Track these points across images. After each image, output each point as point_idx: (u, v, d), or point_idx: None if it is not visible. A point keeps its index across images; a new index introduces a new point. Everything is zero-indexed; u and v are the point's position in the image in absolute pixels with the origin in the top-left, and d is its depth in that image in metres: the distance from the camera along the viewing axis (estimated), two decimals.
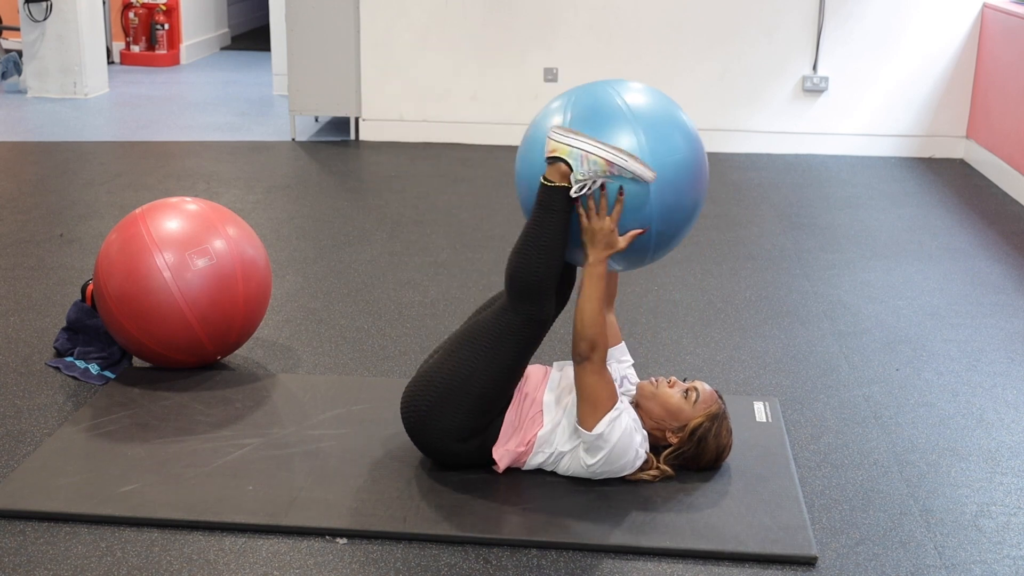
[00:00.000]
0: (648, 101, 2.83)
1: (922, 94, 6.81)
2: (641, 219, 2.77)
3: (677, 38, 6.83)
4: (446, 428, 2.85)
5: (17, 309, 4.10)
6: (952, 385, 3.65)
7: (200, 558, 2.61)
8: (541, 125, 2.86)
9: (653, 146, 2.73)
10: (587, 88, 2.89)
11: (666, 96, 2.92)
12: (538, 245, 2.79)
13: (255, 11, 11.97)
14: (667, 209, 2.77)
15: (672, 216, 2.80)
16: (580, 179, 2.71)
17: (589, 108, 2.80)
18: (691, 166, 2.80)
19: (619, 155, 2.68)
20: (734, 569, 2.62)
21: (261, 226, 5.18)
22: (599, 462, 2.84)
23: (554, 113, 2.85)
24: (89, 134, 7.12)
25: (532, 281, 2.80)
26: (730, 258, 4.88)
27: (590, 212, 2.75)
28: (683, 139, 2.81)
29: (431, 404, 2.85)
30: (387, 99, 7.00)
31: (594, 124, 2.75)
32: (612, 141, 2.72)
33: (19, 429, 3.20)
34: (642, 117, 2.77)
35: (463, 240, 5.07)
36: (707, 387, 2.98)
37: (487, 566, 2.61)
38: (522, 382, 2.95)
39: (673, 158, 2.76)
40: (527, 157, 2.90)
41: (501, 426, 2.90)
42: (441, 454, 2.92)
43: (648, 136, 2.74)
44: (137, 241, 3.43)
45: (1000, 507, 2.92)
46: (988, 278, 4.68)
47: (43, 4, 7.93)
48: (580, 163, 2.70)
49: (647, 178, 2.71)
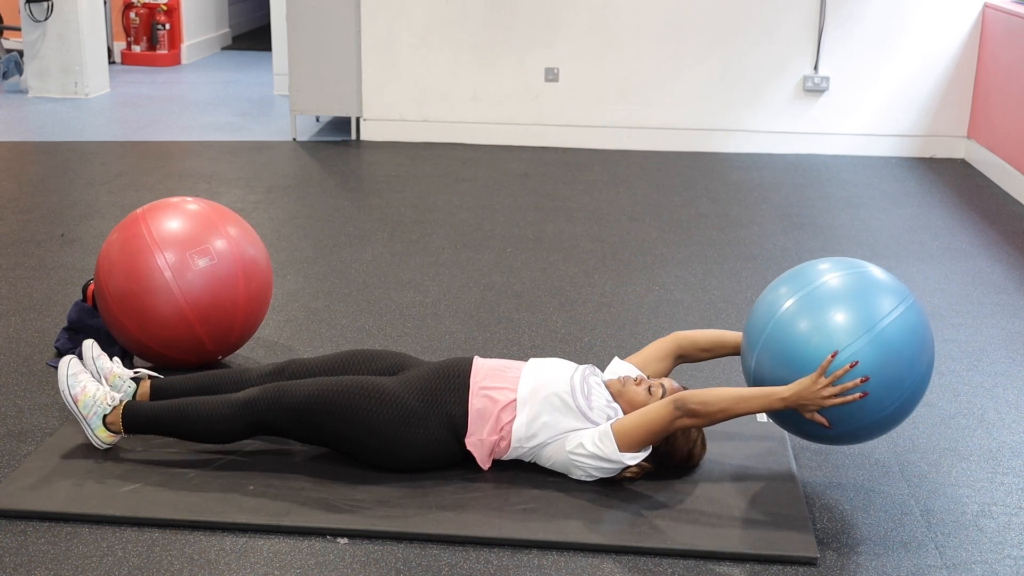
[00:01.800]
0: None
1: (923, 94, 6.81)
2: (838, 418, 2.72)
3: (678, 38, 6.83)
4: (383, 445, 2.90)
5: (18, 309, 4.10)
6: (953, 385, 3.65)
7: (201, 558, 2.61)
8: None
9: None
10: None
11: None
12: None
13: (256, 11, 11.97)
14: (864, 429, 2.76)
15: (863, 434, 2.80)
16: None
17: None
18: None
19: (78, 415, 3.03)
20: (735, 569, 2.62)
21: (262, 226, 5.18)
22: (589, 465, 2.87)
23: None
24: (90, 134, 7.12)
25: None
26: (731, 258, 4.88)
27: (818, 375, 2.66)
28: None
29: (355, 450, 2.94)
30: (388, 99, 7.01)
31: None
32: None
33: (20, 429, 3.20)
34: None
35: (464, 240, 5.07)
36: (674, 383, 3.00)
37: (487, 566, 2.61)
38: (475, 373, 2.96)
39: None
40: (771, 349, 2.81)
41: (468, 416, 2.91)
42: (419, 461, 2.94)
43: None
44: (138, 241, 3.43)
45: (1001, 507, 2.92)
46: (989, 278, 4.68)
47: (44, 4, 7.93)
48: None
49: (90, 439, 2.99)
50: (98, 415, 2.99)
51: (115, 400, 3.01)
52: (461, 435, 2.92)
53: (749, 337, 2.88)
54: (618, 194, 5.91)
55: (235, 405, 2.93)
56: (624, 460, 2.83)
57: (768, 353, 2.79)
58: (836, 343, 2.67)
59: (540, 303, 4.30)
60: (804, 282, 2.81)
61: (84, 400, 2.99)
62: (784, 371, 2.74)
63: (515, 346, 3.87)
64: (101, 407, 2.99)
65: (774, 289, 2.87)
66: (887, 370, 2.66)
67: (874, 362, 2.65)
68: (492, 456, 2.96)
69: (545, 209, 5.59)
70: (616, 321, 4.11)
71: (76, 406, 2.99)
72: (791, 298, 2.79)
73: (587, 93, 6.93)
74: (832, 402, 2.65)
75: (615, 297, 4.37)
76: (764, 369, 2.81)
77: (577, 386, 2.92)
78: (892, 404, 2.69)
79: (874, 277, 2.80)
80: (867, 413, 2.69)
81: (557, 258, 4.84)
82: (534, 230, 5.24)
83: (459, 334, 3.96)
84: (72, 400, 2.99)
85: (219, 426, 2.93)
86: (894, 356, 2.66)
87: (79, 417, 3.00)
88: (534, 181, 6.12)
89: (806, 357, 2.70)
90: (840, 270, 2.81)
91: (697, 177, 6.31)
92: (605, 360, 3.73)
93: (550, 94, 6.95)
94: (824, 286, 2.77)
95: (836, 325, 2.69)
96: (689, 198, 5.86)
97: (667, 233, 5.23)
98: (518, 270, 4.67)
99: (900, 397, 2.70)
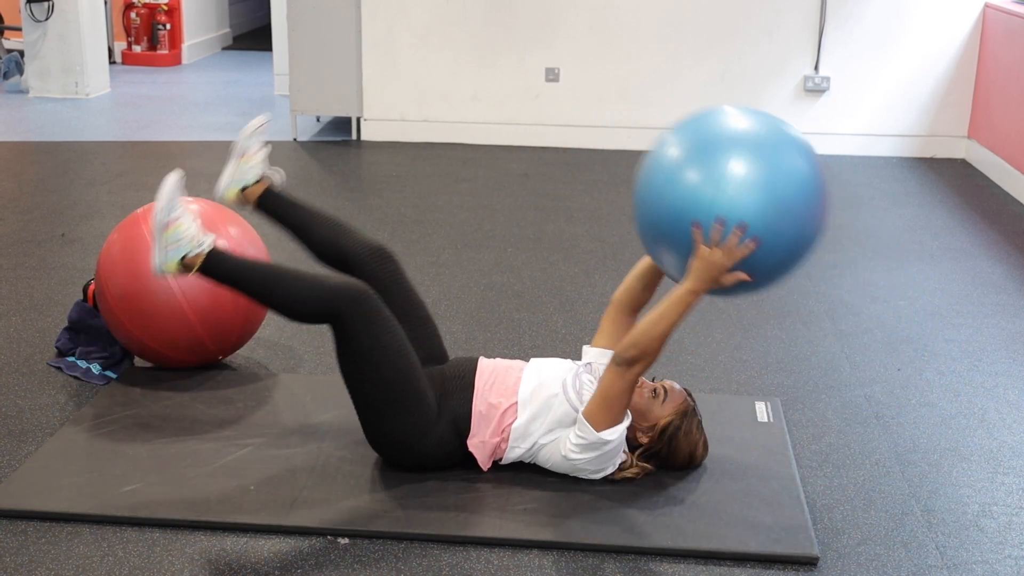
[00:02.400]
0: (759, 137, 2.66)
1: (923, 94, 6.81)
2: (752, 268, 2.64)
3: (678, 38, 6.83)
4: (405, 435, 2.87)
5: (19, 309, 4.10)
6: (954, 385, 3.65)
7: (202, 558, 2.61)
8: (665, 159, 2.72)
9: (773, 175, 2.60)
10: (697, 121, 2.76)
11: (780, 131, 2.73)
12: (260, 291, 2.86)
13: (256, 11, 11.97)
14: (772, 261, 2.66)
15: (783, 269, 2.71)
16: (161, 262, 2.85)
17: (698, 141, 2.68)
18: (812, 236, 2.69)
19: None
20: (735, 569, 2.62)
21: (263, 226, 5.16)
22: (585, 459, 2.85)
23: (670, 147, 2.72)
24: (90, 134, 7.12)
25: (295, 311, 2.85)
26: None
27: (713, 240, 2.58)
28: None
29: (376, 431, 2.89)
30: (388, 99, 7.01)
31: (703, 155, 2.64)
32: (728, 169, 2.60)
33: (21, 429, 3.20)
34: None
35: (464, 240, 5.07)
36: (676, 386, 2.98)
37: (488, 566, 2.61)
38: (480, 374, 2.96)
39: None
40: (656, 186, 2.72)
41: (471, 418, 2.91)
42: (419, 458, 2.93)
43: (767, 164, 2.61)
44: (139, 241, 3.43)
45: (1002, 507, 2.92)
46: (990, 278, 4.68)
47: (45, 4, 7.93)
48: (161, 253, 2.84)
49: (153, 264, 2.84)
50: (180, 252, 2.81)
51: (204, 245, 2.83)
52: (464, 436, 2.92)
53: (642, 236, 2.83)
54: (618, 194, 5.91)
55: (330, 291, 2.79)
56: (605, 437, 2.80)
57: (649, 236, 2.76)
58: (694, 205, 2.60)
59: (541, 303, 4.30)
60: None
61: (175, 231, 2.80)
62: (668, 236, 2.68)
63: (516, 346, 3.87)
64: (188, 246, 2.81)
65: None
66: (758, 205, 2.57)
67: (744, 206, 2.57)
68: (493, 458, 2.95)
69: (545, 209, 5.59)
70: None
71: (164, 232, 2.79)
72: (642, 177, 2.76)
73: (587, 93, 6.93)
74: (731, 262, 2.59)
75: None
76: (660, 255, 2.78)
77: (569, 384, 2.92)
78: (789, 229, 2.60)
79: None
80: (771, 249, 2.60)
81: (557, 258, 4.84)
82: (534, 230, 5.24)
83: (460, 334, 3.96)
84: (164, 224, 2.79)
85: (302, 304, 2.81)
86: (759, 190, 2.57)
87: (159, 242, 2.80)
88: (534, 181, 6.12)
89: (675, 220, 2.63)
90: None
91: None
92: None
93: (550, 94, 6.95)
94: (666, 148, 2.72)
95: (689, 184, 2.61)
96: None
97: None
98: (518, 270, 4.67)
99: (793, 219, 2.60)
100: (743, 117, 2.71)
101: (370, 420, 2.90)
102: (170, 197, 2.84)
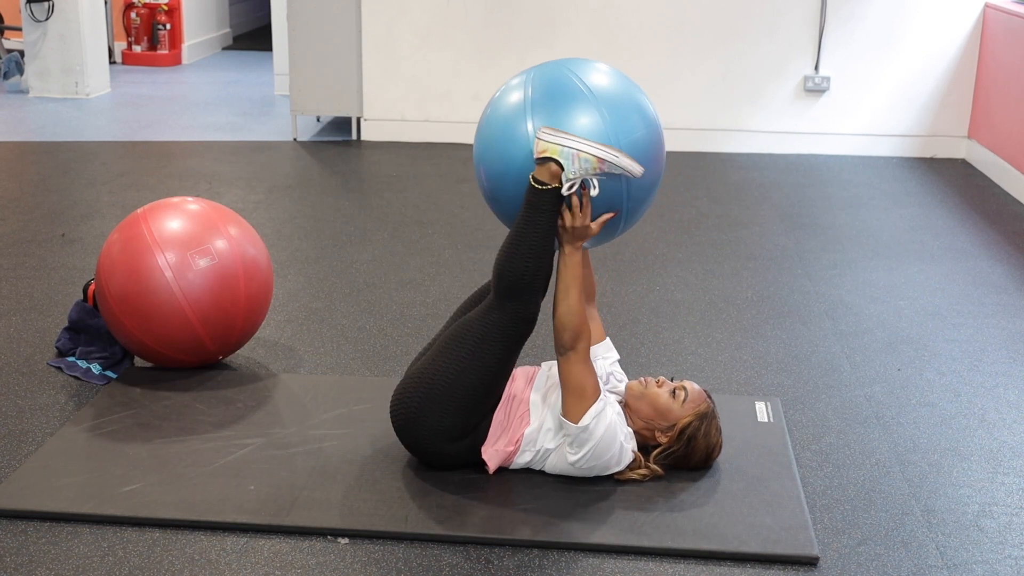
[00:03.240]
0: (608, 82, 2.87)
1: (924, 94, 6.81)
2: (613, 204, 2.83)
3: (678, 38, 6.83)
4: (436, 428, 2.85)
5: (19, 309, 4.10)
6: (954, 385, 3.65)
7: (202, 558, 2.61)
8: (501, 104, 2.89)
9: (615, 127, 2.77)
10: (546, 68, 2.92)
11: (625, 77, 2.96)
12: (529, 244, 2.79)
13: (257, 11, 11.98)
14: (634, 189, 2.83)
15: (638, 195, 2.86)
16: (571, 178, 2.72)
17: (549, 89, 2.83)
18: (652, 145, 2.86)
19: (609, 152, 2.70)
20: (735, 569, 2.62)
21: (263, 226, 5.18)
22: (584, 457, 2.84)
23: (513, 91, 2.87)
24: (91, 134, 7.12)
25: (522, 280, 2.81)
26: (732, 258, 4.88)
27: (574, 212, 2.78)
28: (641, 120, 2.85)
29: (420, 404, 2.85)
30: (389, 99, 7.01)
31: (555, 105, 2.79)
32: (574, 121, 2.75)
33: (21, 429, 3.20)
34: (602, 97, 2.81)
35: (465, 240, 5.07)
36: (696, 386, 2.98)
37: (488, 566, 2.61)
38: (509, 383, 2.96)
39: (632, 137, 2.80)
40: (489, 135, 2.90)
41: (490, 426, 2.90)
42: (431, 455, 2.92)
43: (609, 116, 2.78)
44: (139, 241, 3.43)
45: (1002, 507, 2.92)
46: (990, 278, 4.68)
47: (45, 4, 7.94)
48: (571, 162, 2.71)
49: (636, 173, 2.74)
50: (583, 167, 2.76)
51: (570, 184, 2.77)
52: (479, 442, 2.91)
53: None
54: None
55: (541, 282, 2.88)
56: (584, 423, 2.79)
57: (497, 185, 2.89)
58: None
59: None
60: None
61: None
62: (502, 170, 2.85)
63: None
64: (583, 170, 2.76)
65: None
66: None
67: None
68: (502, 464, 2.95)
69: None
70: (617, 321, 4.11)
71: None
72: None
73: None
74: (590, 219, 2.80)
75: (616, 297, 4.37)
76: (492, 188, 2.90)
77: None
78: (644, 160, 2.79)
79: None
80: (617, 193, 2.80)
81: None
82: None
83: None
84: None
85: (517, 270, 2.82)
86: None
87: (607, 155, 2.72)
88: None
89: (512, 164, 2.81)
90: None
91: (698, 177, 6.31)
92: None
93: None
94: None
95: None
96: (690, 198, 5.86)
97: (668, 233, 5.23)
98: None
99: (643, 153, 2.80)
100: (583, 71, 2.88)
101: (434, 397, 2.84)
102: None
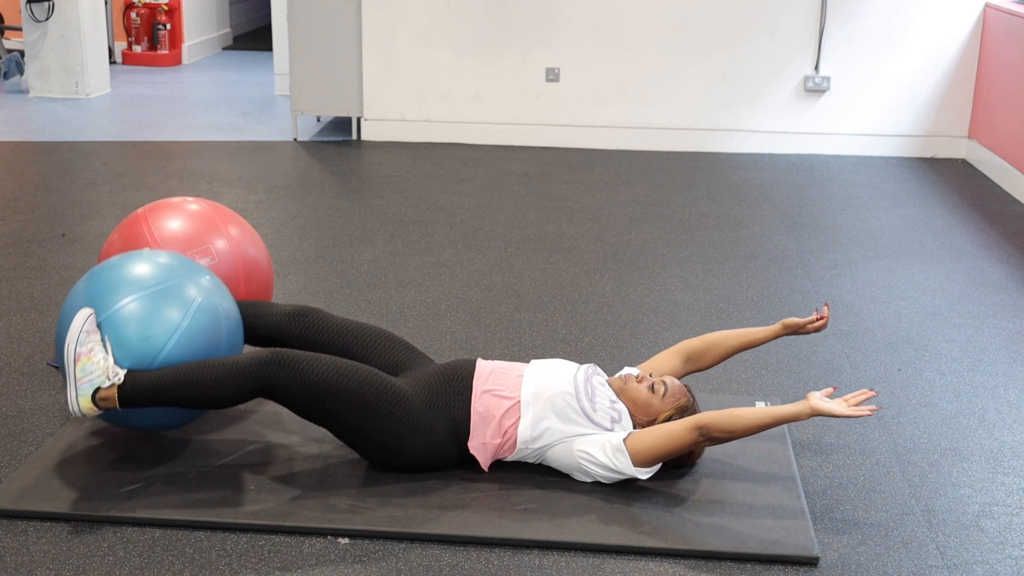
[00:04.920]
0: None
1: (924, 94, 6.81)
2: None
3: (679, 38, 6.84)
4: (392, 438, 2.87)
5: (19, 309, 4.10)
6: (954, 385, 3.65)
7: (202, 558, 2.61)
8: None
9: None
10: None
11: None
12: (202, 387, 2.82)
13: (257, 11, 11.98)
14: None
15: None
16: (96, 370, 2.79)
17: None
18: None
19: (70, 351, 2.76)
20: (736, 569, 2.62)
21: (263, 226, 5.18)
22: (599, 473, 2.88)
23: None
24: (91, 134, 7.13)
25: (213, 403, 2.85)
26: (732, 258, 4.88)
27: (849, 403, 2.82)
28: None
29: (383, 453, 2.91)
30: (389, 99, 7.01)
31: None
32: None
33: (21, 429, 3.20)
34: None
35: (465, 240, 5.07)
36: (676, 381, 3.01)
37: (488, 566, 2.61)
38: (487, 375, 2.96)
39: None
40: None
41: (470, 420, 2.91)
42: (424, 467, 2.94)
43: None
44: (139, 241, 3.43)
45: (1002, 507, 2.92)
46: (990, 278, 4.68)
47: (45, 4, 7.94)
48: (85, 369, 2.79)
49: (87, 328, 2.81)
50: (92, 385, 2.73)
51: (117, 378, 2.76)
52: (463, 438, 2.92)
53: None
54: (619, 194, 5.91)
55: (244, 368, 2.79)
56: (638, 475, 2.85)
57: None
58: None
59: (541, 303, 4.30)
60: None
61: (84, 364, 2.73)
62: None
63: (516, 346, 3.87)
64: (99, 379, 2.74)
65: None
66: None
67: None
68: (495, 458, 2.95)
69: (546, 209, 5.59)
70: (617, 321, 4.11)
71: (74, 365, 2.72)
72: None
73: (588, 93, 6.93)
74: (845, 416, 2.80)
75: (616, 297, 4.37)
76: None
77: (581, 387, 2.93)
78: None
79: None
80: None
81: (558, 258, 4.84)
82: (535, 230, 5.24)
83: (460, 334, 3.96)
84: (74, 357, 2.72)
85: (225, 391, 2.78)
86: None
87: (70, 376, 2.72)
88: (535, 181, 6.12)
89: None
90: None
91: (698, 177, 6.31)
92: (606, 360, 3.74)
93: (551, 94, 6.95)
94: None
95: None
96: (690, 198, 5.86)
97: (668, 233, 5.23)
98: (519, 270, 4.67)
99: None
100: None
101: (356, 439, 2.90)
102: (78, 331, 2.74)
